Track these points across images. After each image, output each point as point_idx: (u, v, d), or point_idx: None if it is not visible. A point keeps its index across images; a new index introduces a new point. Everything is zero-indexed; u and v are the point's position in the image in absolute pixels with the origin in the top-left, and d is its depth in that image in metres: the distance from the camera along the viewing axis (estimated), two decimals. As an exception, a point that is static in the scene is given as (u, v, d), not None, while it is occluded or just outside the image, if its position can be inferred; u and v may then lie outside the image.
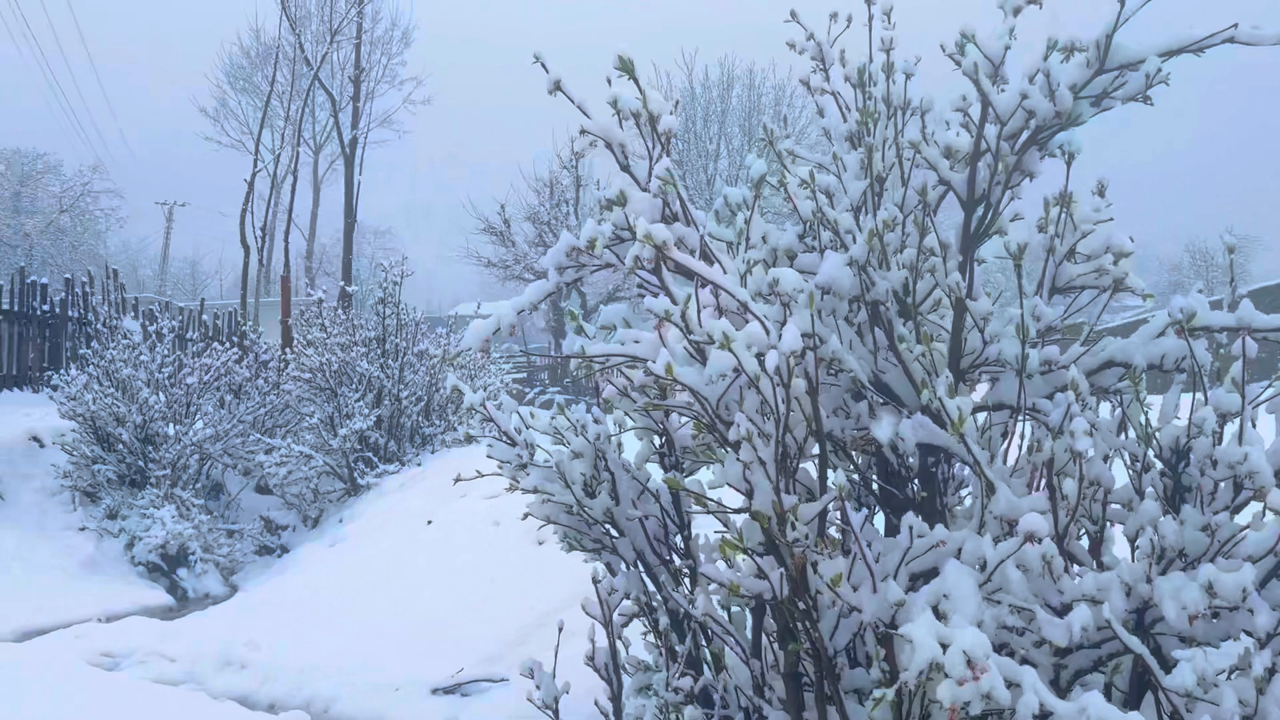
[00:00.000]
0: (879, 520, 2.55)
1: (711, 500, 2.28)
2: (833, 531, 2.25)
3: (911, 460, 2.49)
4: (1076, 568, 2.14)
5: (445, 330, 10.55)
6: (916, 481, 2.46)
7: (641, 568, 2.89)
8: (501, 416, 3.10)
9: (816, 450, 2.20)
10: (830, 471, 2.68)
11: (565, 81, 2.43)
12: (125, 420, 8.75)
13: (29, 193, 37.21)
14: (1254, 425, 2.21)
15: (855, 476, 2.72)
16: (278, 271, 17.42)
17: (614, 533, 2.92)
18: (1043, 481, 2.05)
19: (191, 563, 8.30)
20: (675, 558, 2.89)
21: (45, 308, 13.29)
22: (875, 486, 2.66)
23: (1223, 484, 1.97)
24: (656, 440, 2.98)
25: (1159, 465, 2.16)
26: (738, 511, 2.19)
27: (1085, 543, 2.17)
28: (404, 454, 9.39)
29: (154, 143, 56.32)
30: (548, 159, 28.75)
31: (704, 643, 2.72)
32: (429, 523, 6.64)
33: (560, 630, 2.85)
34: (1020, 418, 2.23)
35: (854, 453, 2.67)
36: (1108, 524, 2.18)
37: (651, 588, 2.90)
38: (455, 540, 6.08)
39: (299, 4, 18.04)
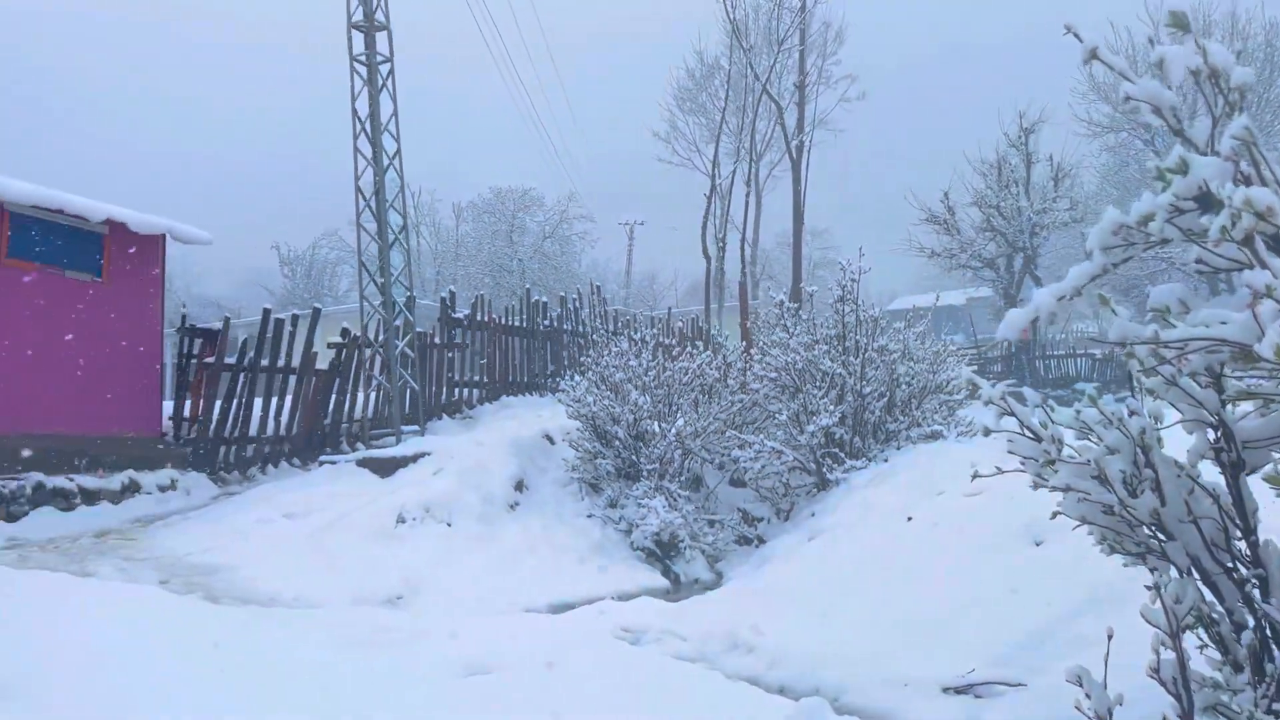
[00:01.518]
0: None
1: None
2: None
3: None
4: None
5: (902, 324, 10.40)
6: None
7: (1197, 575, 2.61)
8: (1023, 410, 2.96)
9: None
10: None
11: (1101, 49, 2.27)
12: (620, 419, 9.77)
13: (520, 224, 43.19)
14: None
15: None
16: (729, 278, 18.47)
17: (1161, 536, 2.66)
18: None
19: (682, 549, 9.05)
20: (1240, 565, 2.57)
21: (545, 322, 15.30)
22: None
23: None
24: (1210, 434, 2.67)
25: None
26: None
27: None
28: (868, 450, 9.42)
29: (615, 169, 62.65)
30: (993, 139, 27.32)
31: (1288, 663, 2.38)
32: (909, 519, 6.58)
33: (1110, 638, 2.65)
34: None
35: None
36: None
37: (1210, 598, 2.61)
38: (939, 537, 5.96)
39: (740, 21, 18.97)
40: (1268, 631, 2.35)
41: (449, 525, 8.59)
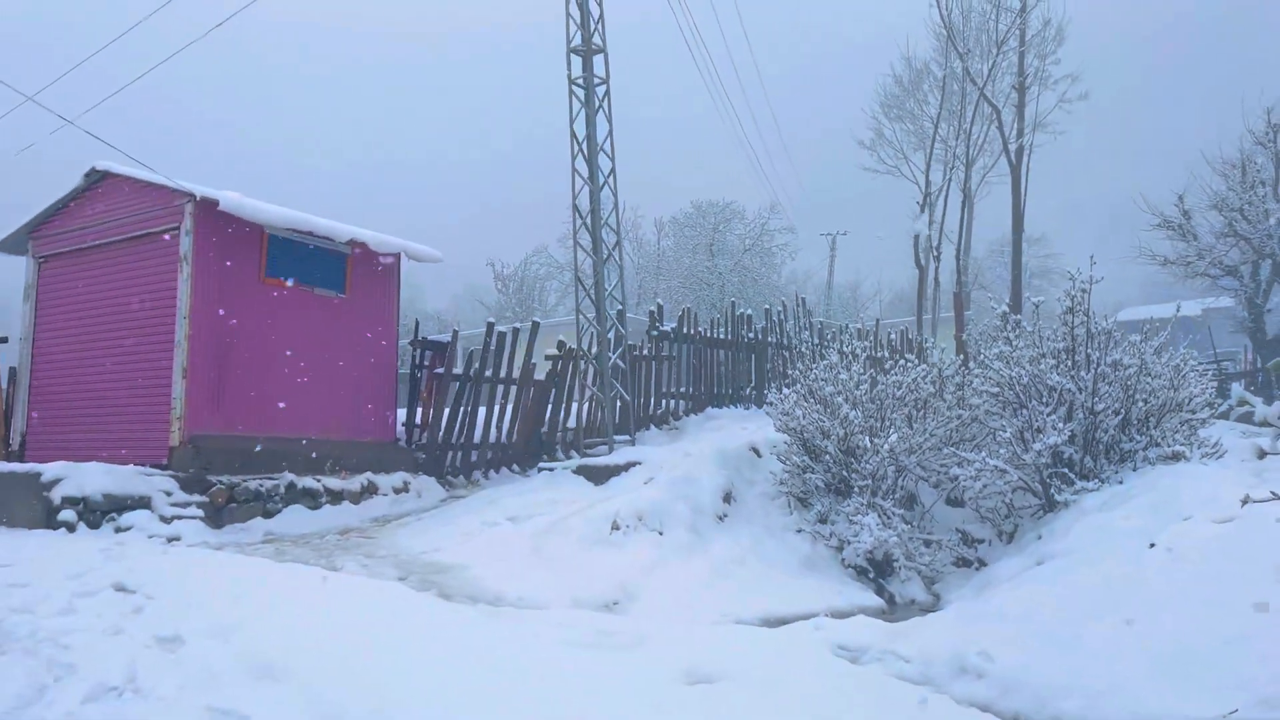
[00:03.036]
0: None
1: None
2: None
3: None
4: None
5: (1138, 337, 9.71)
6: None
7: None
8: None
9: None
10: None
11: None
12: (830, 433, 9.65)
13: (720, 237, 43.45)
14: None
15: None
16: (941, 288, 17.83)
17: None
18: None
19: (896, 568, 8.82)
20: None
21: (750, 335, 15.34)
22: None
23: None
24: None
25: None
26: None
27: None
28: (1100, 471, 8.85)
29: (819, 178, 61.99)
30: (1235, 136, 25.08)
31: None
32: (1151, 545, 6.13)
33: None
34: None
35: None
36: None
37: None
38: (1189, 566, 5.52)
39: (954, 24, 18.33)
40: None
41: (660, 534, 8.75)
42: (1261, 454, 2.68)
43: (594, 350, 12.18)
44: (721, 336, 14.79)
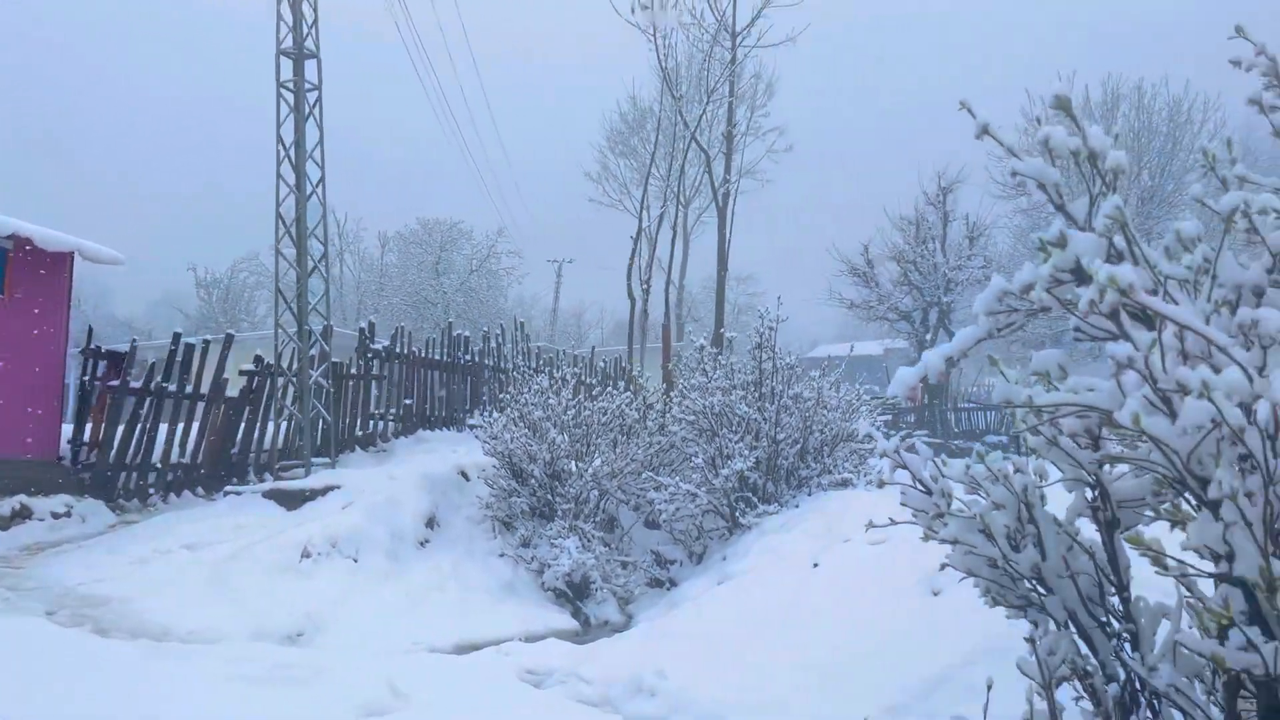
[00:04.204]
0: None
1: (1173, 560, 2.10)
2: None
3: None
4: None
5: (818, 373, 10.61)
6: None
7: (1074, 629, 2.72)
8: (916, 462, 3.05)
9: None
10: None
11: (994, 126, 2.41)
12: (536, 457, 9.74)
13: (447, 256, 42.89)
14: None
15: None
16: (653, 319, 18.61)
17: (1041, 590, 2.77)
18: None
19: (593, 590, 9.01)
20: (1113, 620, 2.69)
21: (466, 357, 15.19)
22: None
23: None
24: (1088, 493, 2.80)
25: None
26: (1209, 576, 2.00)
27: None
28: (781, 495, 9.55)
29: (546, 206, 62.88)
30: (913, 196, 28.22)
31: (1157, 712, 2.49)
32: (815, 565, 6.68)
33: (990, 688, 2.74)
34: None
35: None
36: None
37: (1085, 650, 2.72)
38: (844, 585, 6.07)
39: (674, 69, 19.32)
40: (1136, 684, 2.46)
41: (355, 561, 8.42)
42: (881, 483, 2.95)
43: (294, 367, 11.56)
44: (437, 357, 14.54)
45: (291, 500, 9.78)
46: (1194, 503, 1.99)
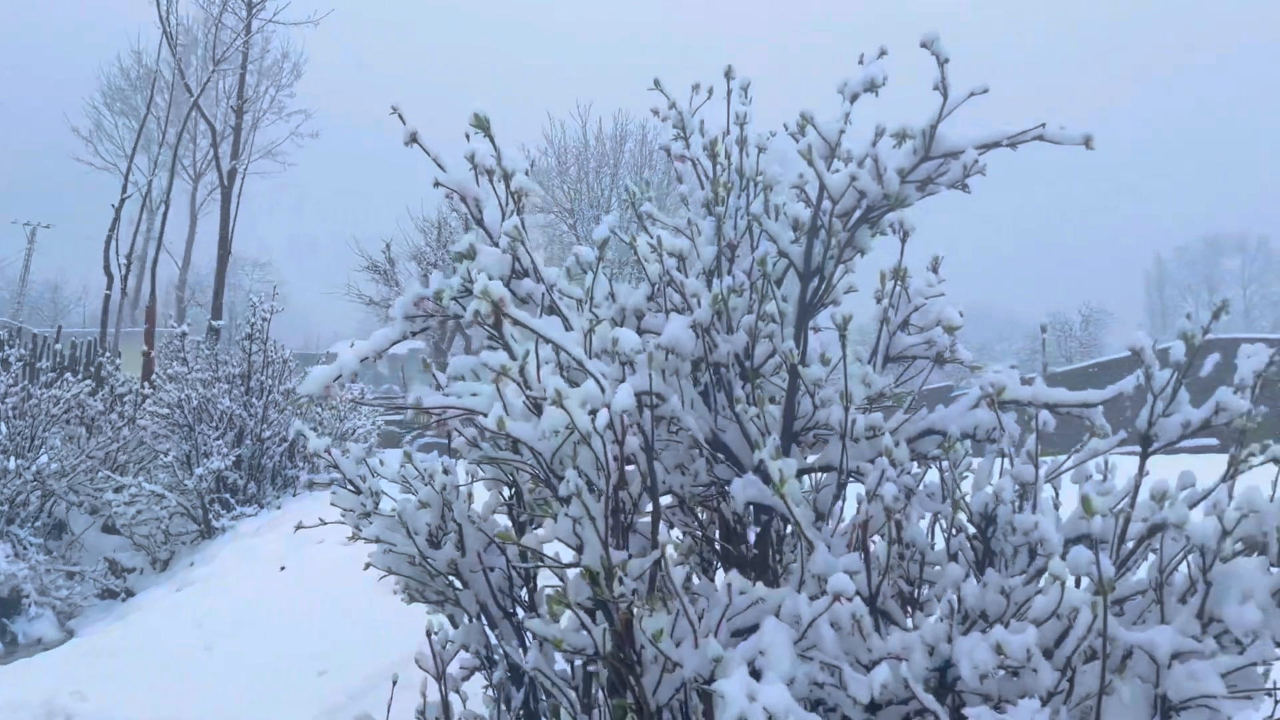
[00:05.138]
0: (719, 578, 2.61)
1: (547, 555, 2.30)
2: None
3: (748, 518, 2.57)
4: (893, 627, 2.23)
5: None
6: (751, 539, 2.54)
7: (485, 620, 2.87)
8: (346, 462, 3.04)
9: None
10: (670, 529, 2.74)
11: (422, 134, 2.47)
12: (-41, 452, 8.22)
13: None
14: (1056, 494, 2.37)
15: (700, 533, 2.77)
16: (145, 301, 16.68)
17: (458, 585, 2.90)
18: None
19: (25, 606, 7.79)
20: (519, 610, 2.89)
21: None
22: (717, 545, 2.71)
23: (1022, 549, 2.10)
24: (506, 492, 2.98)
25: (971, 530, 2.28)
26: (569, 566, 2.21)
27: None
28: (264, 496, 9.08)
29: (21, 158, 53.62)
30: (437, 199, 28.65)
31: (542, 697, 2.72)
32: (282, 569, 6.42)
33: (395, 683, 2.80)
34: (845, 479, 2.32)
35: (697, 510, 2.73)
36: (927, 584, 2.29)
37: (494, 641, 2.89)
38: (308, 587, 5.90)
39: (185, 29, 17.56)
40: (518, 670, 2.66)
41: None
42: (310, 484, 2.88)
43: None
44: None
45: None
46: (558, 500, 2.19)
